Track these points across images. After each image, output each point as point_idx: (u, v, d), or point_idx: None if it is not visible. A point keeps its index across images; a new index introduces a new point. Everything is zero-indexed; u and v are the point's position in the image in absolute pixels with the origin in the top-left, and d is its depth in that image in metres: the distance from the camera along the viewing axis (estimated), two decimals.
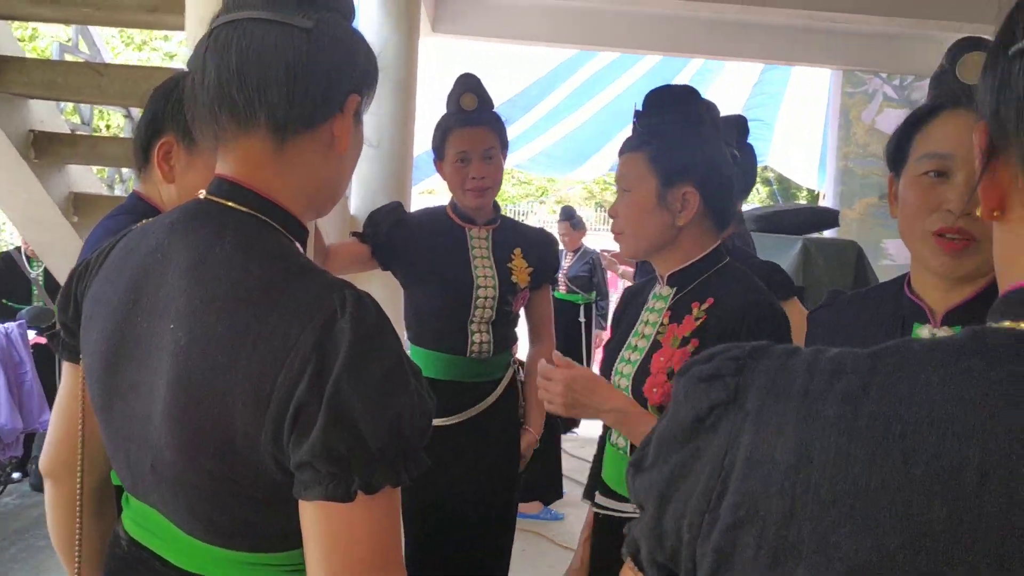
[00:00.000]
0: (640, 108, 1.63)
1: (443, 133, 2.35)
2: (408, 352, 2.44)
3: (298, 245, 0.97)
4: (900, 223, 1.21)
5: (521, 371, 2.56)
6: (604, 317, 6.16)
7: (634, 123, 1.64)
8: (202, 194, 0.97)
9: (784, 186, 11.43)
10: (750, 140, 2.38)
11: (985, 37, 1.20)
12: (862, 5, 4.21)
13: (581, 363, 5.51)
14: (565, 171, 8.60)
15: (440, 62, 6.03)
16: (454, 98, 2.37)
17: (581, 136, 7.78)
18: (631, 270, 4.56)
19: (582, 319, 5.96)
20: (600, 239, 8.99)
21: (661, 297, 1.62)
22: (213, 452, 0.87)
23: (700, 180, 1.54)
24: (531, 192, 16.98)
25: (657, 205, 1.55)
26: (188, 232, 0.94)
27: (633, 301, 1.73)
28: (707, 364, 0.63)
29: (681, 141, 1.56)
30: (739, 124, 2.34)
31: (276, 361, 0.83)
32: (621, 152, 1.64)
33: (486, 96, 2.39)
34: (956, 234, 1.12)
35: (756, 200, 14.78)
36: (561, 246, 5.89)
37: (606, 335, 6.18)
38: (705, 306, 1.52)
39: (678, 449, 0.62)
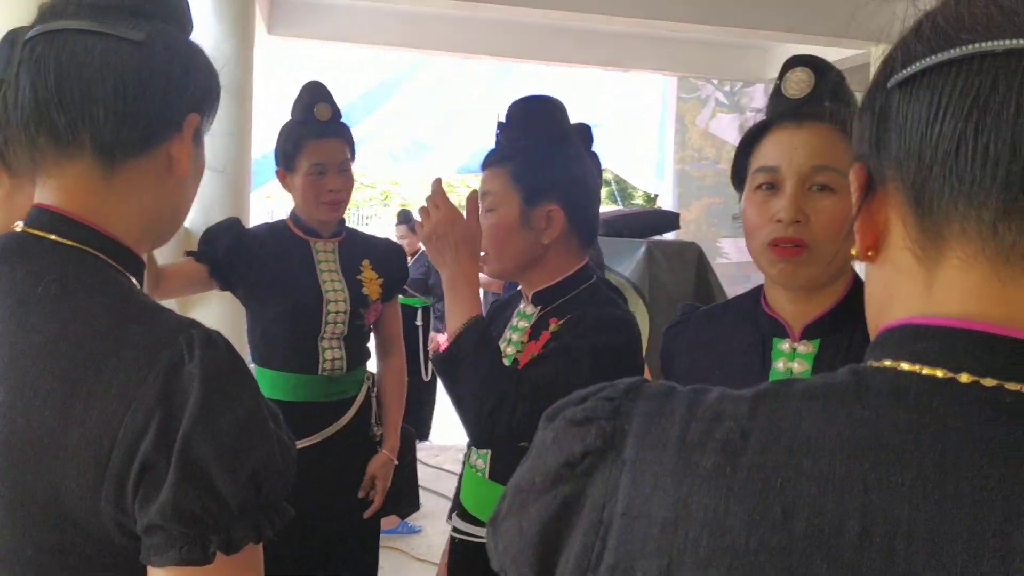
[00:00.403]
0: (503, 119, 1.58)
1: (296, 143, 2.24)
2: (254, 375, 2.33)
3: (134, 280, 0.88)
4: (745, 239, 1.24)
5: (375, 387, 2.49)
6: (440, 319, 6.16)
7: (497, 135, 1.59)
8: (19, 226, 0.86)
9: (622, 187, 11.77)
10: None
11: (814, 55, 1.25)
12: (694, 14, 4.37)
13: (419, 367, 5.45)
14: (409, 171, 8.53)
15: (272, 64, 5.83)
16: (305, 107, 2.27)
17: (425, 137, 7.73)
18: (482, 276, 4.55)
19: (419, 323, 5.92)
20: None
21: (525, 316, 1.58)
22: (44, 521, 0.76)
23: (565, 198, 1.50)
24: (375, 196, 16.76)
25: (520, 224, 1.50)
26: (3, 271, 0.83)
27: (498, 316, 1.69)
28: (579, 406, 0.59)
29: (545, 157, 1.52)
30: (584, 133, 2.35)
31: (115, 415, 0.74)
32: (484, 165, 1.58)
33: (336, 106, 2.31)
34: (788, 243, 1.15)
35: None
36: None
37: (441, 337, 6.15)
38: (562, 321, 1.48)
39: (538, 497, 0.57)
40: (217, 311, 3.00)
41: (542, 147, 1.52)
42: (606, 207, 10.37)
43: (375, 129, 7.32)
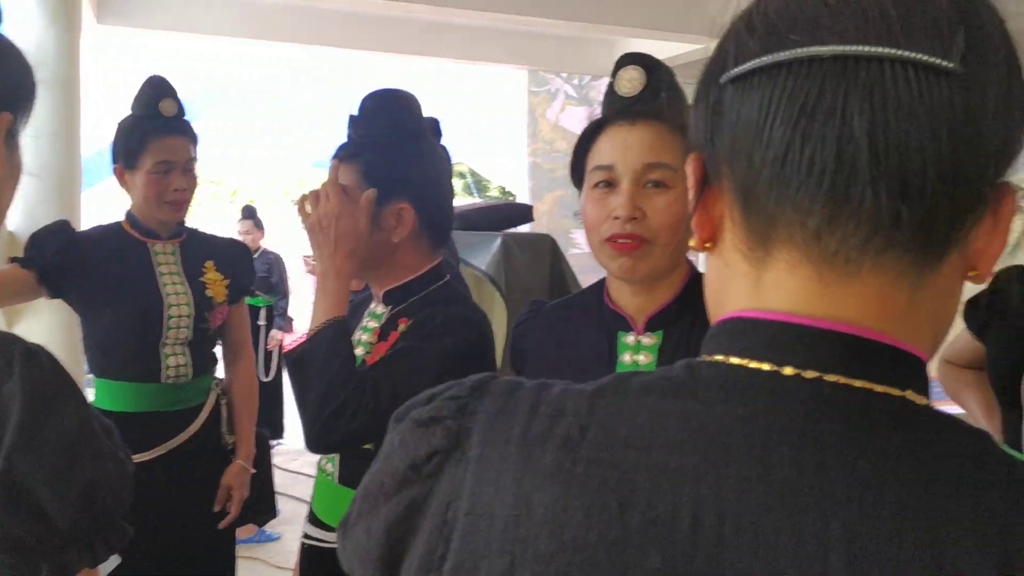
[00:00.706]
0: (355, 113, 1.54)
1: (140, 140, 2.14)
2: (92, 389, 2.20)
3: None
4: (586, 235, 1.26)
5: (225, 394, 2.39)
6: (282, 316, 6.05)
7: (348, 129, 1.55)
8: None
9: (477, 179, 11.83)
10: (447, 137, 2.39)
11: (644, 53, 1.26)
12: (542, 8, 4.43)
13: (258, 368, 5.32)
14: (257, 166, 8.31)
15: (102, 56, 5.51)
16: (149, 102, 2.17)
17: (275, 131, 7.52)
18: None
19: (262, 322, 5.77)
20: (298, 240, 8.74)
21: (375, 316, 1.55)
22: None
23: (416, 196, 1.47)
24: (220, 192, 16.13)
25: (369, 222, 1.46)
26: None
27: (353, 316, 1.65)
28: (426, 406, 0.58)
29: (396, 154, 1.48)
30: (433, 126, 2.34)
31: None
32: (334, 159, 1.53)
33: (182, 103, 2.23)
34: (627, 238, 1.18)
35: (455, 195, 15.09)
36: None
37: (284, 336, 5.97)
38: (412, 322, 1.45)
39: (387, 500, 0.56)
40: (49, 320, 2.82)
41: (393, 143, 1.49)
42: (462, 200, 10.41)
43: (219, 123, 7.07)
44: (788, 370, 0.49)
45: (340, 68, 7.18)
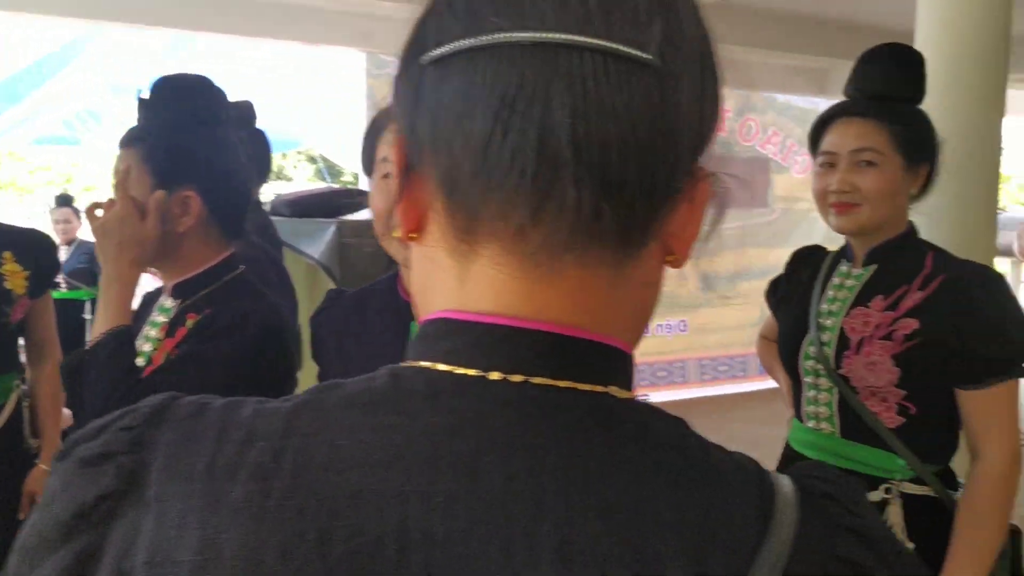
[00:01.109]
0: (145, 96, 1.46)
1: None
2: None
3: None
4: (374, 224, 1.26)
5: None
6: None
7: (137, 113, 1.47)
8: None
9: (329, 165, 11.58)
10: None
11: None
12: None
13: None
14: (90, 152, 7.89)
15: None
16: None
17: (102, 114, 7.12)
18: None
19: (87, 316, 5.46)
20: None
21: (164, 310, 1.48)
22: None
23: (203, 184, 1.41)
24: (55, 178, 15.19)
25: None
26: None
27: (144, 311, 1.57)
28: (93, 441, 0.49)
29: (183, 139, 1.42)
30: (244, 110, 2.27)
31: None
32: (119, 145, 1.45)
33: None
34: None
35: (308, 180, 14.81)
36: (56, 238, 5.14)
37: None
38: (200, 317, 1.39)
39: (51, 554, 0.47)
40: None
41: (180, 128, 1.43)
42: (313, 186, 10.20)
43: (41, 107, 6.65)
44: (495, 375, 0.47)
45: (184, 52, 6.88)
